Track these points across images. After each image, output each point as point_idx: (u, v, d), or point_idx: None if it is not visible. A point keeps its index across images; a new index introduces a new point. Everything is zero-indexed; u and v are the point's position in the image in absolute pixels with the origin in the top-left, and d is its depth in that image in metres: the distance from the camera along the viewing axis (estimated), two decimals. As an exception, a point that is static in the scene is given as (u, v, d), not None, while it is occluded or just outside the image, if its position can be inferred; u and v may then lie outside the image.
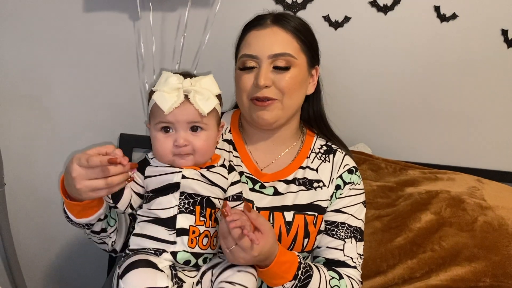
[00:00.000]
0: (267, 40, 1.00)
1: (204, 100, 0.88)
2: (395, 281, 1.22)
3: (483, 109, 1.47)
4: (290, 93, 1.01)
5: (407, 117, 1.48)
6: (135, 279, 0.79)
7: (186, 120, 0.89)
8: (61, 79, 1.42)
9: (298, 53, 1.02)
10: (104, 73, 1.42)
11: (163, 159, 0.91)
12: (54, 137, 1.45)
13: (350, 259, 1.03)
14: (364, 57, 1.43)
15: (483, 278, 1.21)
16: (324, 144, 1.12)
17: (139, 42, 1.37)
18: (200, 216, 0.88)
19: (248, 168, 1.07)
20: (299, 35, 1.02)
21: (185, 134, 0.89)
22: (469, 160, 1.50)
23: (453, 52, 1.42)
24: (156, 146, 0.91)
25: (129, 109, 1.43)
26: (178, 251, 0.87)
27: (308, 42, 1.04)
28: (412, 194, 1.30)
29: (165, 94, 0.87)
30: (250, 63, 1.01)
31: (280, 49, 0.99)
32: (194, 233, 0.88)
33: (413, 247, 1.24)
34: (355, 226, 1.05)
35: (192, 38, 1.37)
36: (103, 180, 0.81)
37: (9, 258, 1.46)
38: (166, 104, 0.87)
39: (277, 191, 1.05)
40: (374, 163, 1.38)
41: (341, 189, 1.07)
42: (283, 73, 0.99)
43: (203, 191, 0.90)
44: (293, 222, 1.01)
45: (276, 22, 1.02)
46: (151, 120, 0.93)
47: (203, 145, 0.91)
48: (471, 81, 1.45)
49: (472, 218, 1.24)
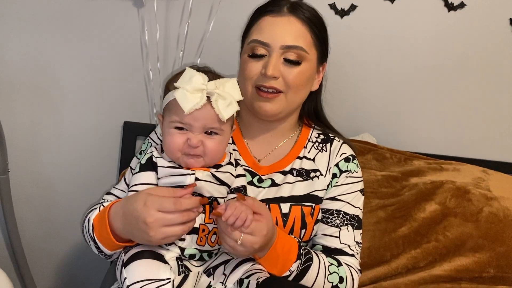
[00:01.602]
0: (282, 29, 0.97)
1: (226, 105, 0.85)
2: (399, 270, 1.22)
3: (489, 100, 1.46)
4: (297, 89, 0.99)
5: (413, 107, 1.47)
6: (137, 270, 0.79)
7: (204, 124, 0.86)
8: (66, 67, 1.41)
9: (311, 47, 0.99)
10: (108, 60, 1.41)
11: (172, 155, 0.88)
12: (59, 125, 1.45)
13: (347, 246, 1.02)
14: (370, 46, 1.42)
15: (487, 269, 1.20)
16: (321, 133, 1.11)
17: (143, 30, 1.37)
18: (209, 214, 0.87)
19: (246, 161, 1.06)
20: (313, 28, 1.00)
21: (200, 135, 0.86)
22: (475, 151, 1.48)
23: (460, 42, 1.41)
24: (167, 141, 0.88)
25: (133, 97, 1.43)
26: (186, 248, 0.87)
27: (321, 36, 1.02)
28: (417, 184, 1.29)
29: (187, 93, 0.83)
30: (261, 50, 0.98)
31: (294, 41, 0.96)
32: (204, 231, 0.87)
33: (417, 237, 1.23)
34: (352, 213, 1.04)
35: (196, 26, 1.37)
36: (182, 227, 0.78)
37: (14, 245, 1.47)
38: (188, 105, 0.82)
39: (274, 183, 1.04)
40: (379, 153, 1.38)
41: (337, 178, 1.06)
42: (293, 67, 0.97)
43: (214, 192, 0.88)
44: (289, 214, 1.01)
45: (293, 11, 0.99)
46: (166, 115, 0.89)
47: (215, 149, 0.88)
48: (478, 71, 1.43)
49: (477, 208, 1.24)
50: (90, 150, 1.47)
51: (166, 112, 0.89)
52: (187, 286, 0.88)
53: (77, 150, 1.47)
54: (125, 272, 0.80)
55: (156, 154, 0.90)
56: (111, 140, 1.46)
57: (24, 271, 1.50)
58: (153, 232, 0.77)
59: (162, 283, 0.78)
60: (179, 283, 0.87)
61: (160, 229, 0.77)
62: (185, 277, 0.88)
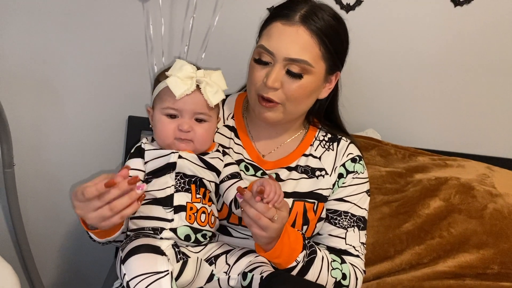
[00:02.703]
0: (288, 40, 0.95)
1: (213, 93, 0.92)
2: (402, 266, 1.22)
3: (495, 96, 1.45)
4: (296, 102, 0.99)
5: (417, 103, 1.46)
6: (135, 265, 0.80)
7: (194, 109, 0.93)
8: (70, 62, 1.41)
9: (317, 60, 0.97)
10: (113, 55, 1.41)
11: (164, 141, 0.94)
12: (63, 119, 1.46)
13: (352, 247, 1.03)
14: (375, 41, 1.41)
15: (491, 265, 1.20)
16: (329, 132, 1.11)
17: (148, 24, 1.36)
18: (196, 194, 0.92)
19: (250, 155, 1.06)
20: (324, 40, 0.96)
21: (190, 121, 0.94)
22: (480, 147, 1.48)
23: (466, 38, 1.40)
24: (159, 128, 0.94)
25: (137, 92, 1.43)
26: (177, 227, 0.89)
27: (334, 48, 0.98)
28: (421, 180, 1.29)
29: (178, 80, 0.90)
30: (266, 57, 0.97)
31: (298, 54, 0.94)
32: (192, 209, 0.90)
33: (421, 233, 1.23)
34: (359, 215, 1.05)
35: (201, 20, 1.36)
36: (107, 208, 0.77)
37: (19, 239, 1.48)
38: (179, 90, 0.90)
39: (279, 178, 1.04)
40: (383, 149, 1.37)
41: (343, 178, 1.06)
42: (295, 80, 0.96)
43: (197, 173, 0.93)
44: (291, 209, 1.01)
45: (305, 21, 0.95)
46: (157, 103, 0.95)
47: (204, 135, 0.95)
48: (484, 67, 1.42)
49: (481, 205, 1.24)
50: (95, 144, 1.48)
51: (157, 101, 0.95)
52: (188, 273, 0.90)
53: (82, 145, 1.48)
54: (124, 268, 0.81)
55: (145, 141, 0.97)
56: (116, 134, 1.47)
57: (30, 265, 1.51)
58: (88, 220, 0.79)
59: (161, 275, 0.79)
60: (180, 271, 0.89)
61: (90, 215, 0.78)
62: (184, 264, 0.90)
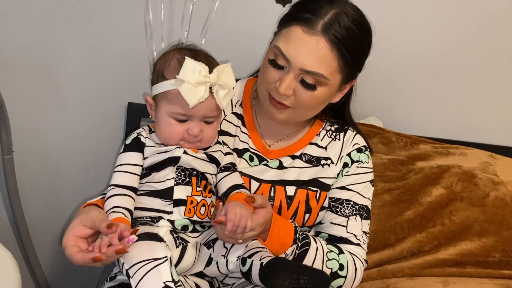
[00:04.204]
0: (307, 50, 0.90)
1: (224, 94, 0.88)
2: (404, 254, 1.22)
3: (497, 84, 1.43)
4: (307, 108, 0.97)
5: (420, 91, 1.45)
6: (133, 253, 0.80)
7: (205, 113, 0.89)
8: (69, 48, 1.39)
9: (334, 73, 0.93)
10: (112, 41, 1.39)
11: (170, 142, 0.91)
12: (62, 106, 1.45)
13: (354, 236, 1.02)
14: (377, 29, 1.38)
15: (492, 253, 1.20)
16: (335, 122, 1.10)
17: (148, 9, 1.34)
18: (196, 187, 0.89)
19: (255, 144, 1.05)
20: (344, 52, 0.92)
21: (200, 124, 0.90)
22: (482, 135, 1.47)
23: (468, 25, 1.38)
24: (165, 130, 0.90)
25: (137, 78, 1.41)
26: (176, 220, 0.88)
27: (353, 58, 0.94)
28: (423, 168, 1.28)
29: (192, 88, 0.84)
30: (282, 61, 0.93)
31: (315, 67, 0.90)
32: (192, 203, 0.89)
33: (423, 221, 1.23)
34: (361, 204, 1.04)
35: (201, 5, 1.34)
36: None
37: (19, 226, 1.47)
38: (193, 99, 0.85)
39: (282, 165, 1.03)
40: (385, 137, 1.36)
41: (348, 167, 1.05)
42: (307, 90, 0.93)
43: (200, 167, 0.91)
44: (294, 197, 1.01)
45: (326, 30, 0.90)
46: (164, 103, 0.90)
47: (212, 136, 0.94)
48: (486, 54, 1.41)
49: (483, 193, 1.23)
50: (94, 130, 1.46)
51: (164, 101, 0.90)
52: (188, 257, 0.90)
53: (81, 131, 1.47)
54: (122, 258, 0.80)
55: (145, 134, 0.92)
56: (115, 121, 1.45)
57: (29, 251, 1.51)
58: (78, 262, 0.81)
59: (160, 261, 0.78)
60: (180, 256, 0.88)
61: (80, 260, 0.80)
62: (184, 249, 0.89)
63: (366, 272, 1.21)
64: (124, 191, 0.87)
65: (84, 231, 0.81)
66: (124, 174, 0.89)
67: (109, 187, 0.88)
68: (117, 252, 0.76)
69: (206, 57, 0.92)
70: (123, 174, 0.89)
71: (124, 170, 0.89)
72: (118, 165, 0.90)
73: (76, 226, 0.82)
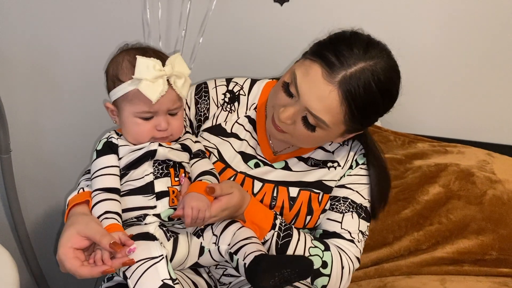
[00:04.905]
0: (317, 95, 0.88)
1: (182, 84, 0.89)
2: (401, 252, 1.22)
3: (495, 83, 1.44)
4: (302, 142, 0.98)
5: (417, 89, 1.45)
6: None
7: (169, 106, 0.90)
8: (66, 45, 1.39)
9: (337, 124, 0.91)
10: (110, 39, 1.39)
11: (140, 141, 0.91)
12: (60, 103, 1.44)
13: (348, 232, 1.01)
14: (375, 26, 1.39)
15: (489, 251, 1.21)
16: None
17: (145, 8, 1.34)
18: (175, 177, 0.91)
19: (263, 151, 1.06)
20: (353, 110, 0.88)
21: (166, 117, 0.91)
22: (480, 133, 1.47)
23: (465, 22, 1.38)
24: (134, 130, 0.90)
25: (134, 77, 1.41)
26: (161, 212, 0.88)
27: (362, 117, 0.91)
28: (420, 167, 1.28)
29: (150, 84, 0.85)
30: (293, 90, 0.91)
31: (319, 113, 0.89)
32: (174, 193, 0.90)
33: (420, 220, 1.23)
34: (360, 203, 1.04)
35: (199, 4, 1.34)
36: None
37: (17, 225, 1.47)
38: (154, 95, 0.85)
39: (287, 166, 1.04)
40: (382, 135, 1.37)
41: (352, 169, 1.06)
42: (307, 128, 0.93)
43: (176, 158, 0.92)
44: (297, 198, 1.01)
45: (343, 83, 0.86)
46: (126, 106, 0.90)
47: (180, 126, 0.94)
48: (483, 53, 1.41)
49: (481, 191, 1.23)
50: (91, 129, 1.46)
51: (126, 103, 0.90)
52: (181, 249, 0.91)
53: (79, 130, 1.47)
54: None
55: (116, 136, 0.93)
56: (113, 120, 1.46)
57: (27, 250, 1.51)
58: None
59: (156, 260, 0.79)
60: (173, 248, 0.89)
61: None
62: (176, 241, 0.90)
63: (364, 271, 1.22)
64: (110, 195, 0.86)
65: (81, 242, 0.79)
66: (105, 177, 0.88)
67: (94, 192, 0.87)
68: (124, 264, 0.77)
69: (155, 51, 0.92)
70: (104, 178, 0.88)
71: (104, 173, 0.88)
72: (96, 171, 0.89)
73: (72, 237, 0.79)
